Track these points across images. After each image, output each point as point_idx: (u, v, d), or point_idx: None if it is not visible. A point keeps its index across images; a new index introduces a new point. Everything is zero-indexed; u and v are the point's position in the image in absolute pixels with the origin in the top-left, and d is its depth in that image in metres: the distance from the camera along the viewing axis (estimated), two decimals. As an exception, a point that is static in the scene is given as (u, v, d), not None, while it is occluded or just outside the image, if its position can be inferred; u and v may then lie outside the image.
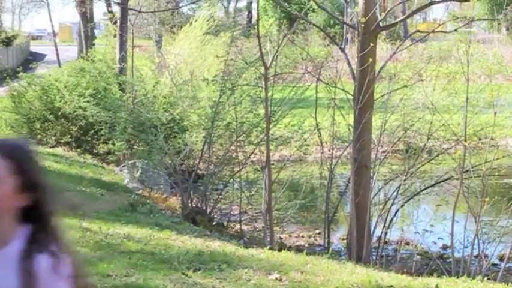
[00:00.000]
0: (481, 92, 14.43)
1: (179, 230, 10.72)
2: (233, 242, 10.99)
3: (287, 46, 15.93)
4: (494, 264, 12.11)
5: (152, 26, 32.04)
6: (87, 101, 18.11)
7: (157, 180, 15.92)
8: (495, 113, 12.96)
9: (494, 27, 45.43)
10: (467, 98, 12.60)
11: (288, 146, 16.54)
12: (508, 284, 9.13)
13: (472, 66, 15.77)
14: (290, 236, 14.38)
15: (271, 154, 13.88)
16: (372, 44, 11.46)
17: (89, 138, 18.42)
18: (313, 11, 40.95)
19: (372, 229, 12.42)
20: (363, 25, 11.46)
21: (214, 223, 13.95)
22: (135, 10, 23.05)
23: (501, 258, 12.22)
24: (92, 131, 17.89)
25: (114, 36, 23.40)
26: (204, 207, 14.24)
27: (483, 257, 11.57)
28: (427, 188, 14.00)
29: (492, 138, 14.27)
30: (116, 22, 21.99)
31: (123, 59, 20.93)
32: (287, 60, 17.11)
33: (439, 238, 13.76)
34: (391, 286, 7.81)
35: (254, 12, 49.17)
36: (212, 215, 14.31)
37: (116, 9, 24.97)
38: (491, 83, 15.43)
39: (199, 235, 10.74)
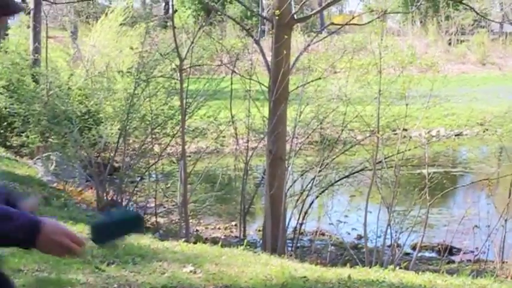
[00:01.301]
0: (393, 84, 14.63)
1: (94, 224, 10.62)
2: (148, 234, 10.94)
3: (204, 38, 15.90)
4: (407, 254, 12.34)
5: (67, 17, 31.60)
6: (0, 93, 17.81)
7: (72, 173, 15.72)
8: (407, 104, 13.20)
9: (409, 20, 46.11)
10: (379, 90, 12.81)
11: (204, 137, 16.54)
12: (419, 273, 9.30)
13: (386, 57, 15.99)
14: (207, 228, 14.40)
15: (187, 146, 13.87)
16: (286, 37, 11.54)
17: (2, 131, 18.11)
18: (230, 2, 41.00)
19: (288, 220, 12.52)
20: (277, 17, 11.52)
21: (130, 216, 13.84)
22: (48, 1, 22.71)
23: (413, 248, 12.45)
24: (5, 124, 17.59)
25: (28, 27, 23.01)
26: (120, 200, 14.15)
27: (396, 247, 11.78)
28: (341, 179, 14.19)
29: (405, 129, 14.54)
30: (29, 12, 21.60)
31: (37, 50, 20.59)
32: (203, 52, 17.08)
33: (353, 229, 13.96)
34: (305, 277, 7.87)
35: (171, 4, 49.01)
36: (128, 207, 14.22)
37: (29, -1, 24.59)
38: (404, 74, 15.65)
39: (115, 228, 10.64)
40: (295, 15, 12.26)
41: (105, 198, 13.97)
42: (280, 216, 11.40)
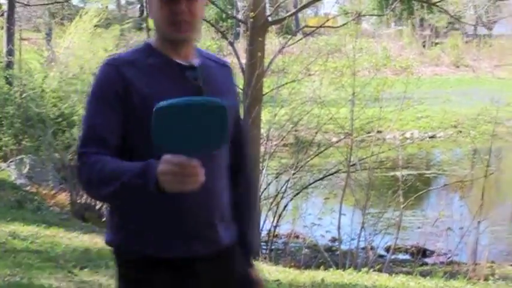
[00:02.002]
0: (367, 86, 14.69)
1: (67, 227, 10.59)
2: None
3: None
4: (381, 256, 12.39)
5: (41, 19, 31.43)
6: (-27, 96, 17.70)
7: (45, 176, 15.63)
8: (380, 107, 13.28)
9: (383, 23, 46.33)
10: (353, 92, 12.87)
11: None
12: (392, 275, 9.35)
13: (360, 60, 16.05)
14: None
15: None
16: (260, 39, 11.55)
17: (-26, 133, 17.99)
18: (205, 4, 40.92)
19: (262, 223, 12.54)
20: (252, 20, 11.53)
21: (103, 219, 13.81)
22: (22, 3, 22.62)
23: (387, 250, 12.50)
24: (-22, 126, 17.47)
25: (1, 28, 22.90)
26: (94, 203, 14.09)
27: (370, 249, 11.84)
28: (316, 181, 14.23)
29: (379, 131, 14.62)
30: (2, 14, 21.49)
31: (10, 53, 20.48)
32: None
33: (327, 231, 13.99)
34: (278, 280, 7.90)
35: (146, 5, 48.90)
36: (102, 211, 14.16)
37: (3, 0, 24.46)
38: (378, 76, 15.73)
39: (88, 232, 10.63)
40: (269, 18, 12.28)
41: (78, 201, 13.91)
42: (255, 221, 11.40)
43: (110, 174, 2.71)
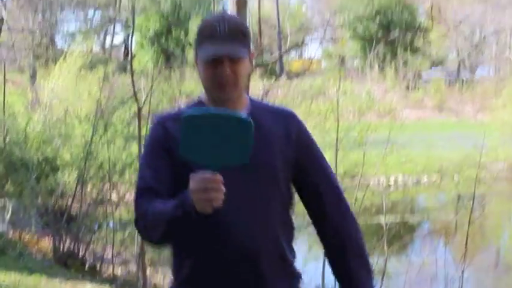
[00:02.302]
0: (351, 131, 14.71)
1: (50, 275, 10.51)
2: (105, 285, 10.84)
3: (163, 82, 15.90)
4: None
5: (26, 61, 31.45)
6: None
7: (28, 222, 15.51)
8: (364, 152, 13.30)
9: (367, 65, 46.63)
10: (337, 138, 12.89)
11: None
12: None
13: (344, 102, 16.10)
14: (165, 277, 14.26)
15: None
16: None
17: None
18: (190, 45, 41.06)
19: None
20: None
21: (86, 266, 13.71)
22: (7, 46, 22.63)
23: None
24: (-40, 170, 17.33)
25: (-15, 70, 22.84)
26: (77, 250, 13.99)
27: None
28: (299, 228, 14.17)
29: (362, 176, 14.62)
30: (-13, 57, 21.47)
31: (-6, 95, 20.40)
32: (163, 97, 17.08)
33: (310, 279, 13.91)
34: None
35: (130, 48, 49.00)
36: (85, 257, 14.06)
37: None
38: (362, 120, 15.81)
39: (71, 279, 10.54)
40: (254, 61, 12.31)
41: (61, 247, 13.81)
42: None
43: (159, 216, 2.91)
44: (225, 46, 3.03)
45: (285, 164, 3.17)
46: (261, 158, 3.08)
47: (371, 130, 15.78)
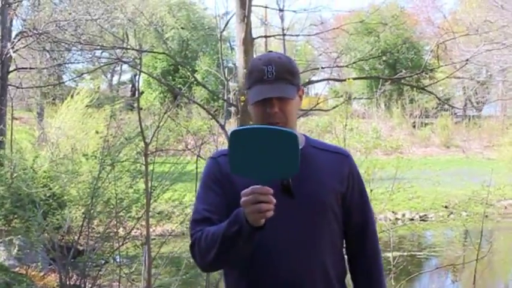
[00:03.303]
0: (360, 167, 14.67)
1: (56, 310, 10.48)
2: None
3: (170, 120, 15.93)
4: None
5: (34, 99, 31.59)
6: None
7: (35, 258, 15.52)
8: (371, 189, 13.26)
9: (374, 103, 46.70)
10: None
11: (169, 221, 16.45)
12: None
13: (351, 140, 16.09)
14: (171, 313, 14.21)
15: (152, 229, 13.76)
16: (251, 122, 11.58)
17: (-36, 214, 17.87)
18: (197, 84, 41.24)
19: None
20: (242, 103, 11.56)
21: (92, 302, 13.68)
22: (15, 86, 22.77)
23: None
24: (-33, 206, 17.35)
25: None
26: (83, 285, 13.96)
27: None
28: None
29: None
30: (-6, 94, 21.59)
31: (1, 132, 20.52)
32: (170, 134, 17.11)
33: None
34: None
35: (137, 86, 49.19)
36: (91, 293, 14.04)
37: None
38: (369, 158, 15.79)
39: (77, 315, 10.51)
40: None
41: (67, 283, 13.78)
42: None
43: (212, 237, 3.12)
44: (273, 88, 3.25)
45: (336, 202, 3.39)
46: (312, 194, 3.30)
47: (378, 167, 15.76)
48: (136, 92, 41.26)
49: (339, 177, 3.41)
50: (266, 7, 19.10)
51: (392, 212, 24.11)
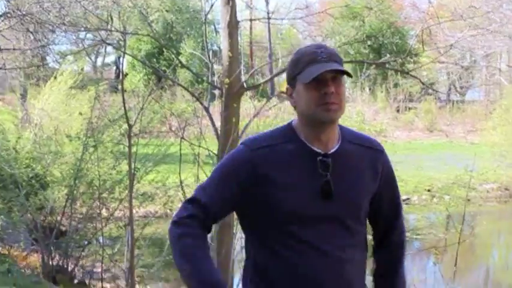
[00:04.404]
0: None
1: (38, 290, 10.48)
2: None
3: (154, 102, 15.90)
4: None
5: (17, 80, 31.39)
6: None
7: (17, 238, 15.49)
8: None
9: (358, 87, 46.69)
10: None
11: (152, 202, 16.44)
12: None
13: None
14: (154, 293, 14.25)
15: (135, 210, 13.77)
16: (235, 105, 11.57)
17: None
18: (181, 67, 41.05)
19: (235, 287, 12.45)
20: (226, 86, 11.55)
21: (76, 281, 13.68)
22: (-1, 67, 22.58)
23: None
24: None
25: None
26: (66, 265, 13.96)
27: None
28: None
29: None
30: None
31: (-16, 113, 20.41)
32: (154, 116, 17.07)
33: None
34: None
35: (122, 68, 49.03)
36: (74, 273, 14.03)
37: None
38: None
39: (59, 295, 10.52)
40: (244, 84, 12.31)
41: (50, 263, 13.78)
42: (228, 283, 11.31)
43: (186, 264, 3.20)
44: (331, 65, 3.13)
45: (368, 200, 3.35)
46: (349, 196, 3.24)
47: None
48: (120, 74, 41.11)
49: (373, 175, 3.37)
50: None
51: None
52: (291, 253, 3.15)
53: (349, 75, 3.18)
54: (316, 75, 3.08)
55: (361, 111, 42.09)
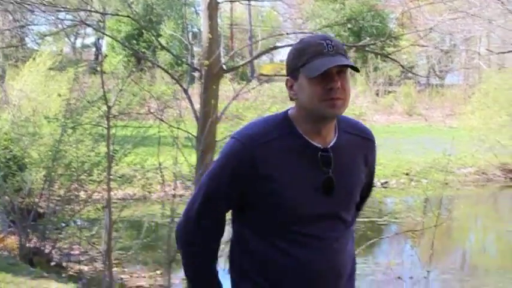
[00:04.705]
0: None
1: (15, 272, 10.46)
2: (71, 283, 10.80)
3: (133, 84, 15.85)
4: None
5: (-5, 60, 31.24)
6: None
7: (-6, 219, 15.47)
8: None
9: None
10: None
11: (131, 184, 16.41)
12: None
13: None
14: (131, 276, 14.23)
15: (114, 192, 13.74)
16: (214, 87, 11.56)
17: None
18: (161, 49, 40.88)
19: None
20: (206, 67, 11.53)
21: (53, 263, 13.65)
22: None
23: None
24: None
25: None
26: (43, 248, 13.93)
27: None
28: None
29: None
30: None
31: (-38, 94, 20.30)
32: (133, 98, 17.02)
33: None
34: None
35: (102, 50, 48.79)
36: (51, 255, 14.00)
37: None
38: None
39: (36, 277, 10.49)
40: (224, 66, 12.30)
41: (27, 245, 13.74)
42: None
43: (198, 279, 3.30)
44: (339, 59, 3.02)
45: (359, 191, 3.35)
46: (346, 191, 3.22)
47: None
48: (100, 56, 40.95)
49: (364, 165, 3.35)
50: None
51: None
52: (292, 246, 3.12)
53: (357, 70, 3.11)
54: (324, 70, 2.98)
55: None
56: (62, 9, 15.19)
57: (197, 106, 12.08)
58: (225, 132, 13.70)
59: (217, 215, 3.24)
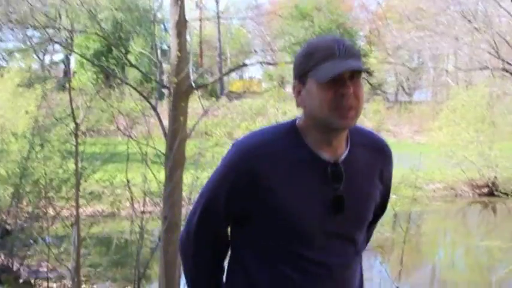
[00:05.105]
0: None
1: (-18, 290, 10.36)
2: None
3: (102, 101, 15.82)
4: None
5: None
6: None
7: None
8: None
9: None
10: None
11: (100, 201, 16.36)
12: None
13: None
14: (100, 293, 14.17)
15: (83, 209, 13.68)
16: (183, 104, 11.54)
17: None
18: (130, 66, 40.70)
19: (182, 286, 12.44)
20: (175, 85, 11.50)
21: (21, 281, 13.55)
22: None
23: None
24: None
25: None
26: (11, 265, 13.82)
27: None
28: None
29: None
30: None
31: None
32: (102, 115, 16.98)
33: None
34: None
35: (71, 66, 48.58)
36: (19, 272, 13.90)
37: None
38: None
39: (4, 294, 10.41)
40: (193, 83, 12.28)
41: (-5, 263, 13.65)
42: (175, 283, 11.30)
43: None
44: (349, 62, 2.74)
45: (373, 210, 3.03)
46: (358, 210, 2.93)
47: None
48: (68, 72, 40.79)
49: (379, 181, 3.05)
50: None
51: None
52: (296, 273, 2.83)
53: (370, 74, 2.92)
54: (335, 75, 2.69)
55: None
56: (30, 26, 15.12)
57: (166, 123, 12.05)
58: (194, 148, 13.71)
59: (216, 227, 2.98)
